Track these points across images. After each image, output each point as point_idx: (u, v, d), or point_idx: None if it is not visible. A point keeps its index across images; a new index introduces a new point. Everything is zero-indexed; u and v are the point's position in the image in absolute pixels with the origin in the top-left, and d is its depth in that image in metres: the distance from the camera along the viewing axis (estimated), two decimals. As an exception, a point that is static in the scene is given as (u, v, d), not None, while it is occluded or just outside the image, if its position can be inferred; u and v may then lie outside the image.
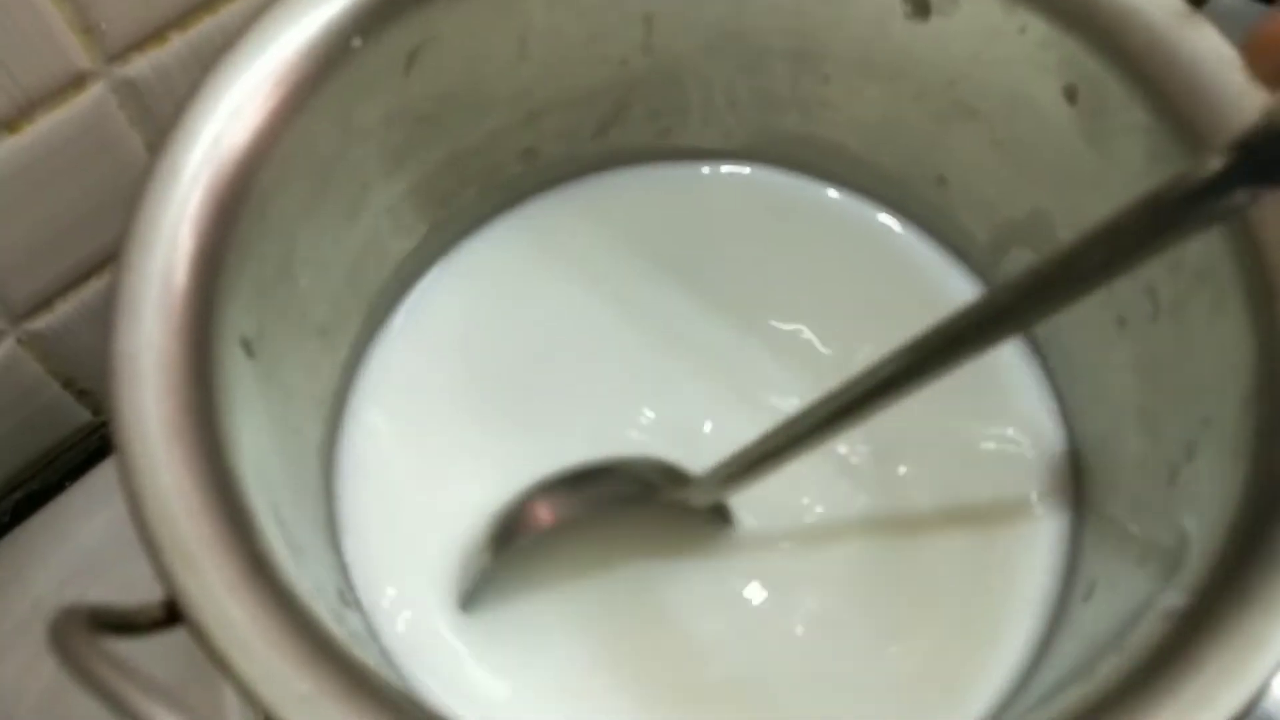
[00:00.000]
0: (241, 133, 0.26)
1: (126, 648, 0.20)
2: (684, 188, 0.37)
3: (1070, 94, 0.29)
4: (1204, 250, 0.25)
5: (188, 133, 0.25)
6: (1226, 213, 0.18)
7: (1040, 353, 0.34)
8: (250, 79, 0.26)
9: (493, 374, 0.35)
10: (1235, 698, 0.19)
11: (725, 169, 0.38)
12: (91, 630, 0.19)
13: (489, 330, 0.35)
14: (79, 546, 0.39)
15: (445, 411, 0.34)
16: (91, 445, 0.44)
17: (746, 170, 0.38)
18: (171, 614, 0.21)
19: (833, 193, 0.37)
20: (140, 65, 0.36)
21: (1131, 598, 0.24)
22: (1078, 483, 0.32)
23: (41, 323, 0.40)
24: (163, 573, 0.21)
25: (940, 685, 0.30)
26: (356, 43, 0.28)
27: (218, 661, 0.21)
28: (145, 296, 0.24)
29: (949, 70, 0.32)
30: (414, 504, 0.33)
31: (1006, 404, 0.34)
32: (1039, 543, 0.32)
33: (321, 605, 0.23)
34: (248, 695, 0.20)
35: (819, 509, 0.33)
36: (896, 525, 0.33)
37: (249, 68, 0.26)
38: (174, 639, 0.21)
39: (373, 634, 0.31)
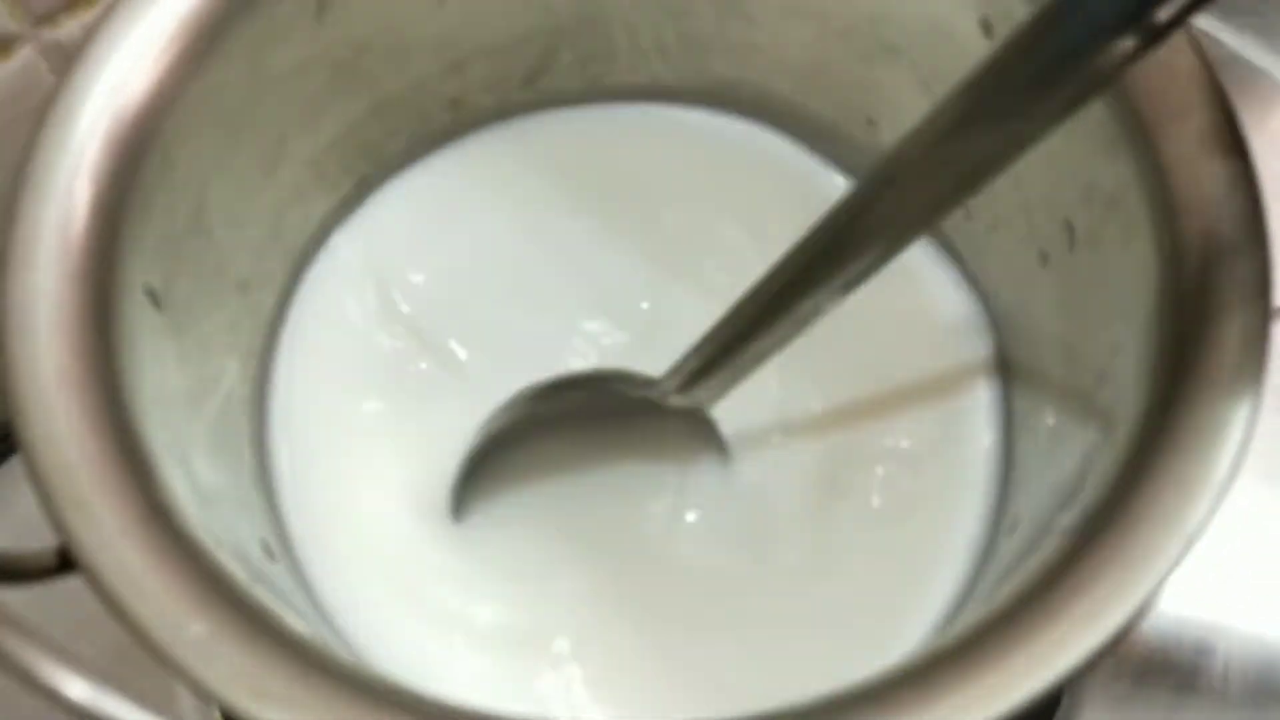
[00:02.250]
0: (143, 80, 0.26)
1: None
2: (616, 128, 0.37)
3: (986, 27, 0.28)
4: (1114, 176, 0.25)
5: (84, 80, 0.25)
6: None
7: (981, 297, 0.34)
8: (151, 25, 0.26)
9: (424, 314, 0.34)
10: (1122, 612, 0.19)
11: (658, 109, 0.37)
12: (-29, 574, 0.19)
13: (419, 272, 0.35)
14: (22, 513, 0.39)
15: (377, 358, 0.34)
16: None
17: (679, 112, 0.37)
18: (64, 561, 0.21)
19: (767, 135, 0.37)
20: (69, 28, 0.35)
21: (1043, 525, 0.24)
22: (1009, 420, 0.32)
23: (-22, 291, 0.39)
24: (55, 518, 0.21)
25: (874, 619, 0.30)
26: (261, -12, 0.27)
27: (110, 606, 0.20)
28: (40, 245, 0.23)
29: (871, 7, 0.31)
30: (352, 456, 0.33)
31: (943, 339, 0.34)
32: (972, 481, 0.32)
33: (229, 554, 0.23)
34: (140, 639, 0.20)
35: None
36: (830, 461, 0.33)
37: (149, 13, 0.26)
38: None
39: (306, 587, 0.30)
